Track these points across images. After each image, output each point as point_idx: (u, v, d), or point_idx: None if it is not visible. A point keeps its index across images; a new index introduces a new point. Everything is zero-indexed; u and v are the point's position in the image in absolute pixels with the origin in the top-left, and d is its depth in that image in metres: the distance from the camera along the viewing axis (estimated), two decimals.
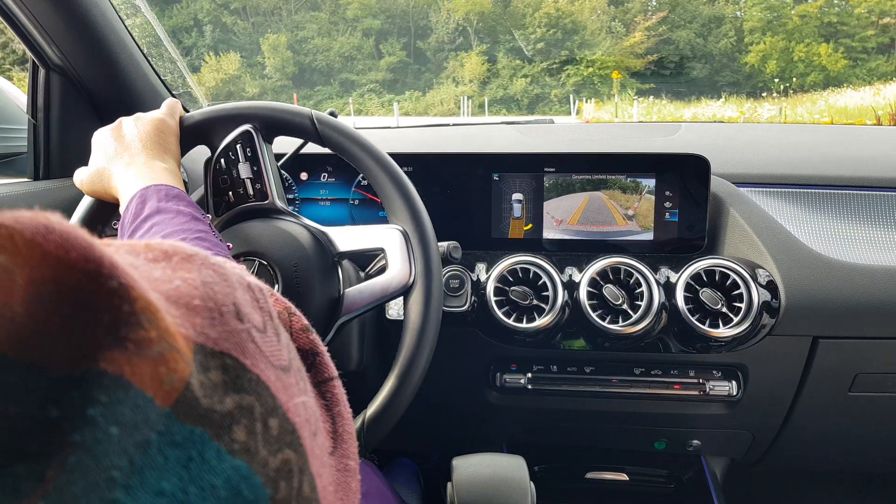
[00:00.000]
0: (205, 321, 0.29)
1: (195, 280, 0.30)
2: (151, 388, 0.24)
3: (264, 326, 0.33)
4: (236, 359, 0.29)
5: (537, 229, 1.15)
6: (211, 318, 0.29)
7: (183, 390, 0.25)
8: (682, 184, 1.11)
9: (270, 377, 0.31)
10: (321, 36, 47.48)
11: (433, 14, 48.13)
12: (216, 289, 0.31)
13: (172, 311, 0.27)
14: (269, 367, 0.31)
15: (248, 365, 0.30)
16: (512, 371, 1.12)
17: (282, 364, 0.33)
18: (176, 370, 0.25)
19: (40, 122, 1.19)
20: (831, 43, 39.01)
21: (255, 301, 0.34)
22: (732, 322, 0.99)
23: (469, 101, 35.69)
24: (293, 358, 0.35)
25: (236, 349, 0.29)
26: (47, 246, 0.22)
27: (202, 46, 46.30)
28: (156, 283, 0.28)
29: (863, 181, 1.15)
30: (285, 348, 0.34)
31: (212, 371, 0.27)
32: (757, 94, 31.50)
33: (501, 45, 46.45)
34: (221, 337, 0.29)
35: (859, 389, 1.07)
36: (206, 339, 0.28)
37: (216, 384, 0.27)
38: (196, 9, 47.83)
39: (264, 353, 0.31)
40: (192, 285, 0.30)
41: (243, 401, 0.28)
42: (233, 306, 0.31)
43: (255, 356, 0.30)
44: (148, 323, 0.24)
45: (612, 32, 44.93)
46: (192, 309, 0.29)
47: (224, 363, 0.28)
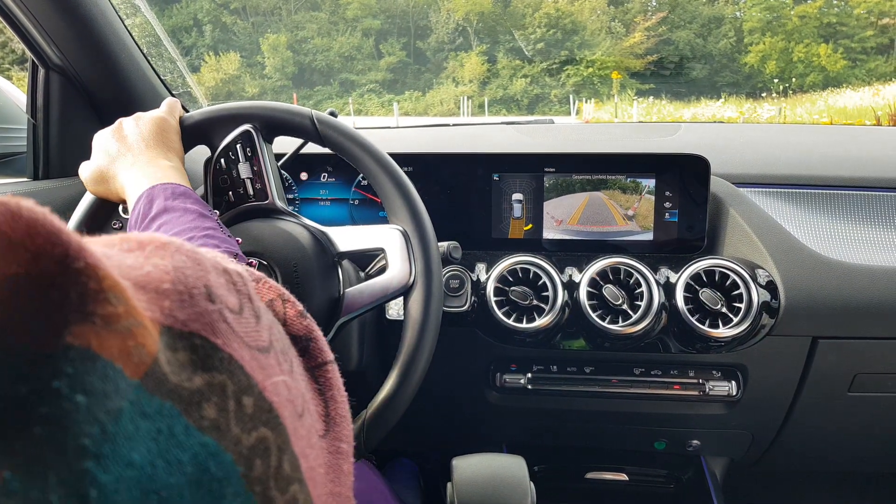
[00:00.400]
0: (173, 303, 0.29)
1: (167, 266, 0.30)
2: (120, 360, 0.24)
3: (240, 308, 0.33)
4: (206, 338, 0.29)
5: (537, 229, 1.15)
6: (180, 300, 0.29)
7: (152, 364, 0.25)
8: (682, 184, 1.11)
9: (244, 356, 0.31)
10: (321, 36, 47.47)
11: (433, 14, 48.13)
12: (187, 273, 0.31)
13: (140, 296, 0.27)
14: (243, 346, 0.31)
15: (219, 344, 0.30)
16: (512, 371, 1.12)
17: (259, 345, 0.33)
18: (144, 344, 0.25)
19: (40, 121, 1.19)
20: (830, 43, 39.01)
21: (231, 284, 0.34)
22: (732, 322, 0.99)
23: (469, 101, 35.68)
24: (275, 339, 0.35)
25: (206, 329, 0.30)
26: (13, 235, 0.22)
27: (202, 46, 46.29)
28: (126, 270, 0.29)
29: (862, 182, 1.15)
30: (265, 330, 0.34)
31: (179, 351, 0.28)
32: (756, 95, 31.50)
33: (501, 45, 46.45)
34: (190, 318, 0.29)
35: (859, 389, 1.07)
36: (173, 322, 0.28)
37: (184, 363, 0.27)
38: (196, 8, 47.81)
39: (238, 332, 0.31)
40: (163, 270, 0.30)
41: (213, 379, 0.28)
42: (204, 288, 0.31)
43: (228, 335, 0.31)
44: (115, 299, 0.24)
45: (612, 33, 44.92)
46: (160, 293, 0.29)
47: (192, 343, 0.28)
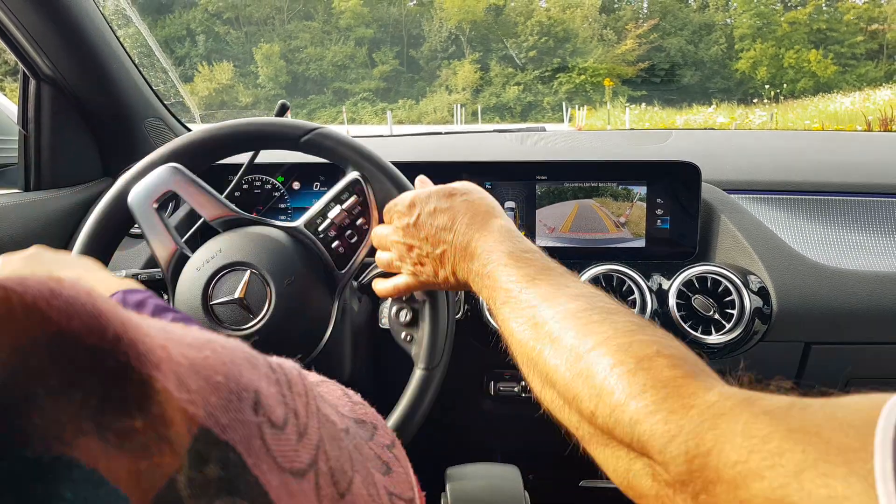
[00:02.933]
0: (220, 402, 0.26)
1: (226, 356, 0.28)
2: (126, 486, 0.21)
3: (283, 423, 0.30)
4: (239, 454, 0.26)
5: (530, 237, 1.15)
6: (228, 399, 0.27)
7: (164, 487, 0.23)
8: (674, 191, 1.11)
9: (272, 481, 0.28)
10: (314, 45, 47.59)
11: (426, 23, 48.32)
12: (243, 371, 0.29)
13: (191, 383, 0.25)
14: (273, 469, 0.28)
15: (249, 464, 0.27)
16: (505, 379, 1.12)
17: (294, 466, 0.30)
18: (160, 465, 0.23)
19: (31, 132, 1.19)
20: (821, 49, 39.35)
21: (280, 395, 0.31)
22: (725, 328, 0.99)
23: (462, 108, 35.79)
24: (323, 459, 0.32)
25: (242, 443, 0.27)
26: (49, 312, 0.20)
27: (195, 56, 46.35)
28: (186, 348, 0.27)
29: (852, 187, 1.15)
30: (308, 449, 0.31)
31: (210, 465, 0.25)
32: (748, 101, 31.73)
33: (494, 53, 46.66)
34: (231, 425, 0.26)
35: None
36: (214, 424, 0.26)
37: (210, 481, 0.25)
38: (189, 19, 47.89)
39: (272, 452, 0.28)
40: (221, 360, 0.28)
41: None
42: (254, 393, 0.29)
43: (260, 454, 0.28)
44: (137, 409, 0.22)
45: (604, 40, 45.19)
46: (211, 384, 0.26)
47: (227, 457, 0.26)
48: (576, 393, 0.46)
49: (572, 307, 0.51)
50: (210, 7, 47.72)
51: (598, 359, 0.45)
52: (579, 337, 0.48)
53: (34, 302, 0.20)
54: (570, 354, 0.48)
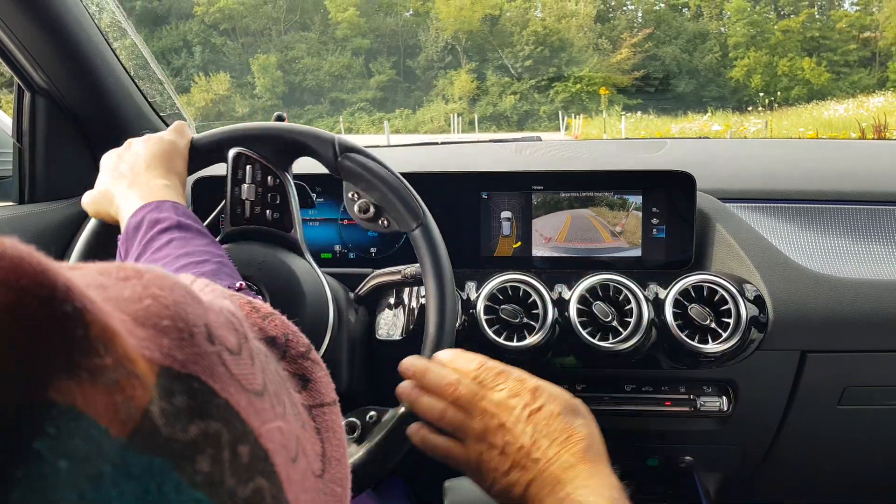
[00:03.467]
0: (173, 342, 0.27)
1: (167, 299, 0.29)
2: (106, 418, 0.23)
3: (239, 348, 0.32)
4: (204, 382, 0.28)
5: (526, 247, 1.15)
6: (180, 338, 0.28)
7: (141, 419, 0.24)
8: (669, 200, 1.12)
9: (241, 402, 0.29)
10: (311, 55, 47.72)
11: (422, 33, 48.50)
12: (188, 309, 0.30)
13: (139, 332, 0.26)
14: (239, 391, 0.30)
15: (216, 389, 0.28)
16: None
17: (255, 388, 0.31)
18: (133, 397, 0.24)
19: (26, 145, 1.19)
20: (814, 57, 39.57)
21: (229, 323, 0.33)
22: (721, 337, 0.99)
23: (459, 118, 35.86)
24: (269, 381, 0.34)
25: (205, 372, 0.28)
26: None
27: (192, 67, 46.42)
28: (124, 303, 0.27)
29: (847, 195, 1.16)
30: (259, 371, 0.33)
31: (177, 396, 0.26)
32: (743, 109, 31.85)
33: (490, 62, 46.83)
34: (189, 359, 0.28)
35: (848, 403, 1.07)
36: (172, 362, 0.27)
37: (180, 410, 0.26)
38: (185, 30, 48.00)
39: (235, 376, 0.30)
40: (164, 304, 0.29)
41: (209, 427, 0.27)
42: (204, 327, 0.30)
43: (225, 380, 0.29)
44: (103, 348, 0.23)
45: (599, 49, 45.38)
46: (160, 329, 0.27)
47: (191, 387, 0.27)
48: None
49: None
50: (206, 18, 47.83)
51: None
52: None
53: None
54: None
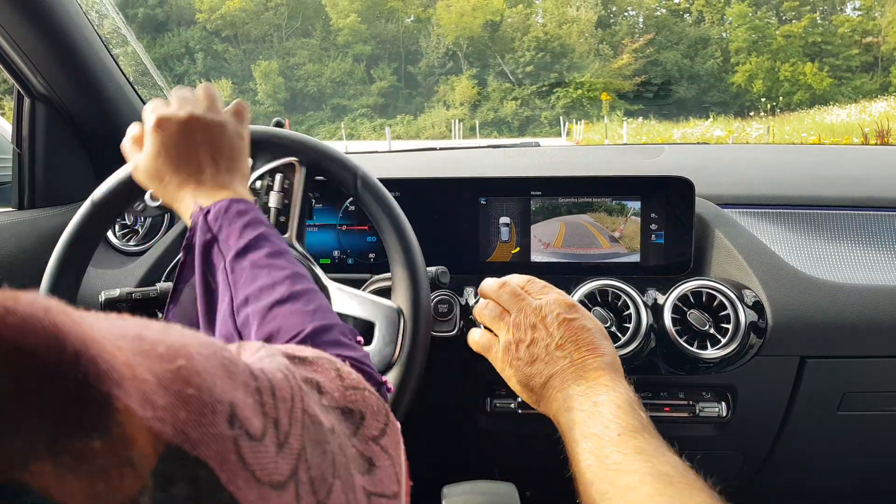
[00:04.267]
0: (191, 416, 0.25)
1: (200, 365, 0.27)
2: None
3: (262, 434, 0.29)
4: (212, 470, 0.26)
5: (525, 252, 1.15)
6: (200, 413, 0.26)
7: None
8: (668, 206, 1.12)
9: (248, 496, 0.27)
10: (312, 62, 47.86)
11: (423, 39, 48.63)
12: (217, 382, 0.28)
13: (158, 400, 0.24)
14: (250, 483, 0.27)
15: (223, 480, 0.26)
16: (502, 395, 1.12)
17: (273, 479, 0.29)
18: (119, 488, 0.22)
19: (25, 151, 1.19)
20: (816, 62, 39.60)
21: (259, 405, 0.30)
22: (720, 343, 0.99)
23: (460, 124, 35.91)
24: (304, 469, 0.31)
25: (215, 458, 0.26)
26: (3, 330, 0.20)
27: (194, 73, 46.58)
28: (156, 361, 0.26)
29: (846, 201, 1.16)
30: (288, 460, 0.30)
31: (178, 483, 0.24)
32: (744, 114, 31.87)
33: (491, 68, 46.93)
34: (203, 440, 0.25)
35: (848, 408, 1.07)
36: (183, 440, 0.25)
37: (177, 500, 0.24)
38: (187, 37, 48.18)
39: (249, 466, 0.27)
40: (195, 370, 0.27)
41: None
42: (228, 406, 0.27)
43: (235, 470, 0.27)
44: (94, 430, 0.21)
45: (600, 55, 45.48)
46: (181, 398, 0.25)
47: (196, 475, 0.25)
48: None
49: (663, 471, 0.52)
50: (208, 25, 48.01)
51: None
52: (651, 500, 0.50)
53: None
54: None
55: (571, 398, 0.62)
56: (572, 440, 0.59)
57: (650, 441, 0.56)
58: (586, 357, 0.66)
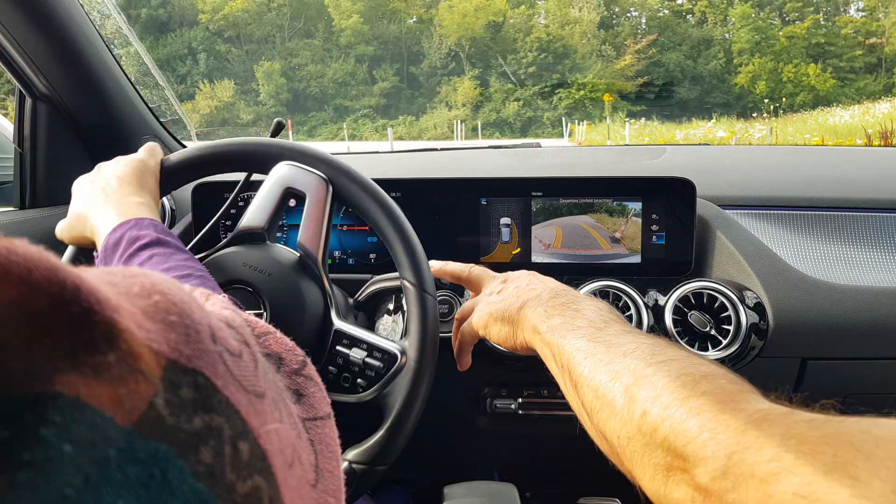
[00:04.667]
0: (180, 337, 0.29)
1: (175, 297, 0.30)
2: (110, 408, 0.24)
3: (240, 352, 0.33)
4: (208, 378, 0.29)
5: (525, 253, 1.15)
6: (186, 334, 0.29)
7: (146, 409, 0.25)
8: (669, 207, 1.11)
9: (241, 401, 0.31)
10: (315, 63, 47.91)
11: (425, 40, 48.65)
12: (194, 308, 0.31)
13: (149, 325, 0.28)
14: (240, 390, 0.31)
15: (218, 385, 0.30)
16: (502, 396, 1.12)
17: (256, 390, 0.33)
18: (137, 391, 0.25)
19: (27, 150, 1.19)
20: (819, 63, 39.54)
21: (230, 328, 0.34)
22: (721, 344, 0.99)
23: (462, 124, 35.91)
24: (270, 387, 0.35)
25: (208, 368, 0.30)
26: (9, 266, 0.22)
27: (196, 74, 46.67)
28: (134, 298, 0.29)
29: (848, 202, 1.15)
30: (262, 376, 0.34)
31: (183, 388, 0.27)
32: (747, 115, 31.85)
33: (493, 69, 46.93)
34: (195, 355, 0.29)
35: (849, 410, 1.06)
36: (179, 356, 0.28)
37: (185, 402, 0.27)
38: (190, 37, 48.27)
39: (236, 376, 0.31)
40: (171, 301, 0.30)
41: (213, 421, 0.28)
42: (208, 327, 0.31)
43: (226, 378, 0.31)
44: (107, 346, 0.24)
45: (603, 56, 45.47)
46: (168, 324, 0.29)
47: (196, 381, 0.28)
48: (633, 394, 0.49)
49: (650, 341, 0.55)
50: (211, 26, 48.10)
51: (668, 367, 0.49)
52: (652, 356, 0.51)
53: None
54: (640, 363, 0.51)
55: (551, 308, 0.65)
56: (554, 341, 0.61)
57: (634, 329, 0.59)
58: (560, 288, 0.71)
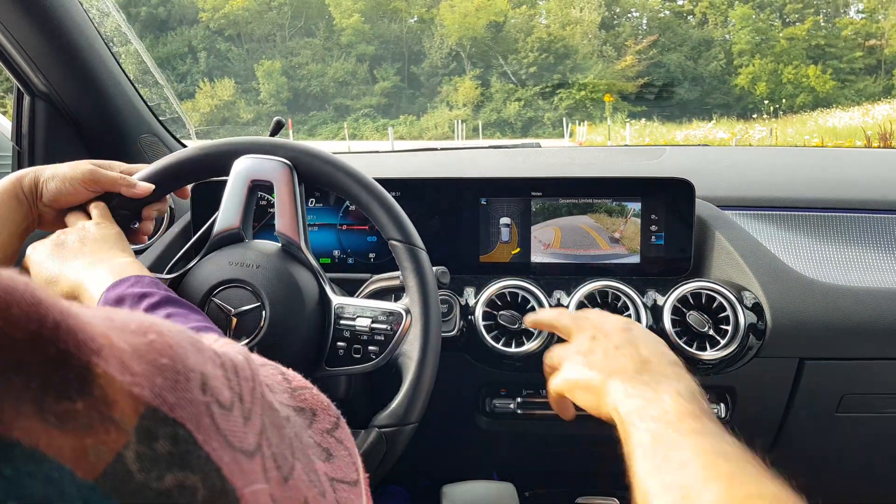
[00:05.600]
0: (166, 382, 0.27)
1: (171, 339, 0.29)
2: (72, 460, 0.22)
3: (230, 405, 0.31)
4: (189, 431, 0.27)
5: (525, 253, 1.15)
6: (175, 380, 0.28)
7: (112, 461, 0.24)
8: (668, 207, 1.11)
9: (224, 458, 0.29)
10: (315, 62, 47.90)
11: (426, 39, 48.63)
12: (188, 354, 0.30)
13: (135, 367, 0.26)
14: (224, 446, 0.29)
15: (199, 440, 0.28)
16: (501, 396, 1.12)
17: (243, 446, 0.30)
18: (105, 441, 0.24)
19: (25, 148, 1.19)
20: (819, 64, 39.55)
21: (226, 378, 0.32)
22: (719, 345, 0.99)
23: (463, 124, 35.91)
24: (267, 445, 0.33)
25: (191, 420, 0.28)
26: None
27: (197, 73, 46.65)
28: (129, 335, 0.27)
29: (846, 203, 1.15)
30: (254, 432, 0.32)
31: (159, 440, 0.26)
32: (747, 116, 31.86)
33: (494, 69, 46.94)
34: (179, 403, 0.27)
35: (846, 410, 1.07)
36: (161, 403, 0.26)
37: (159, 456, 0.25)
38: (191, 36, 48.25)
39: (222, 430, 0.29)
40: (167, 343, 0.29)
41: (187, 479, 0.26)
42: (200, 375, 0.30)
43: (210, 432, 0.29)
44: (78, 393, 0.23)
45: (604, 56, 45.47)
46: (157, 367, 0.27)
47: (175, 433, 0.27)
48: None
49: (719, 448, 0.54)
50: (212, 24, 48.07)
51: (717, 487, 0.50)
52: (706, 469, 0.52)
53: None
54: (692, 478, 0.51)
55: (633, 388, 0.64)
56: (630, 424, 0.60)
57: (708, 425, 0.57)
58: (647, 357, 0.68)
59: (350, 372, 0.82)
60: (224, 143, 0.84)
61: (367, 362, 0.81)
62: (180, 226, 1.21)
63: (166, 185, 0.85)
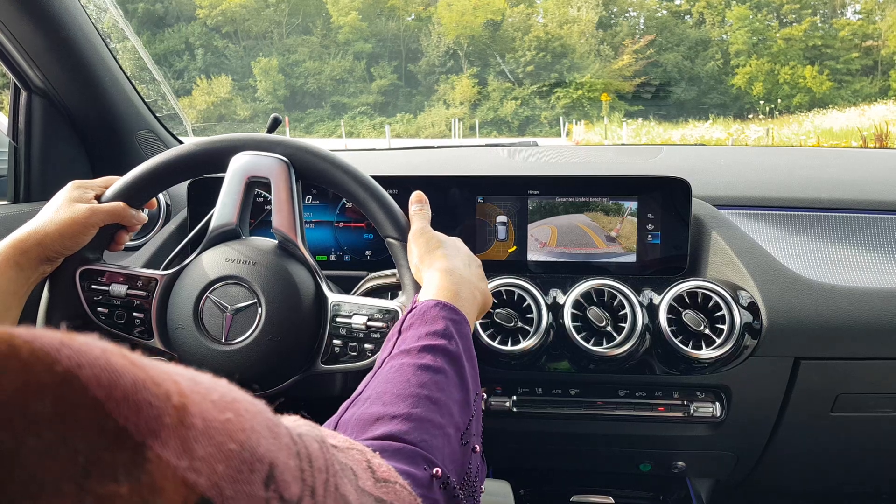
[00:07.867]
0: (228, 471, 0.25)
1: (247, 422, 0.27)
2: None
3: (298, 500, 0.28)
4: None
5: (521, 251, 1.15)
6: (238, 470, 0.25)
7: None
8: (664, 206, 1.12)
9: None
10: (312, 59, 47.79)
11: (424, 38, 48.56)
12: (261, 441, 0.27)
13: (199, 449, 0.24)
14: None
15: None
16: (497, 394, 1.12)
17: None
18: None
19: (21, 144, 1.19)
20: (816, 65, 39.57)
21: (299, 471, 0.30)
22: (715, 344, 0.99)
23: (460, 123, 35.85)
24: None
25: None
26: (58, 357, 0.20)
27: (193, 70, 46.50)
28: (209, 407, 0.26)
29: (842, 203, 1.16)
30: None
31: None
32: (744, 116, 31.88)
33: (492, 68, 46.90)
34: (235, 496, 0.25)
35: (841, 410, 1.07)
36: (216, 495, 0.24)
37: None
38: (188, 33, 48.09)
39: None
40: (241, 426, 0.26)
41: None
42: (268, 466, 0.27)
43: None
44: (126, 476, 0.21)
45: (601, 55, 45.45)
46: (223, 452, 0.25)
47: None
48: None
49: None
50: (209, 21, 47.92)
51: None
52: None
53: (42, 347, 0.20)
54: None
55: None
56: None
57: None
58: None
59: (346, 369, 0.82)
60: (221, 139, 0.84)
61: (363, 360, 0.81)
62: (177, 222, 1.20)
63: (164, 184, 0.85)
